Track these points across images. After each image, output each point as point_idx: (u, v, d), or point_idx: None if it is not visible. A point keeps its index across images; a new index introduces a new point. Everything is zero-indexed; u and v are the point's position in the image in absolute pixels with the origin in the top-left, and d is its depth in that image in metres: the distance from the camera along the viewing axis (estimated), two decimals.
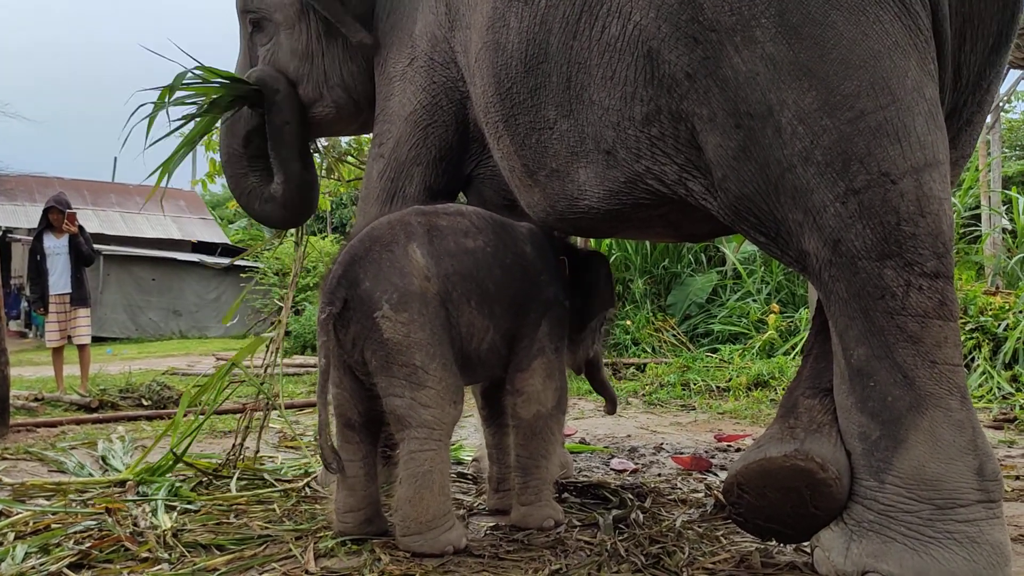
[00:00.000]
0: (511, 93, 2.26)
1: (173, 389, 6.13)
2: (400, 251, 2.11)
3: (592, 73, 2.02)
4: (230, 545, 2.19)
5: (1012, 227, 9.10)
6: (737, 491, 1.86)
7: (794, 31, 1.65)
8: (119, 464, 3.38)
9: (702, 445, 3.98)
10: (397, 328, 2.04)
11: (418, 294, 2.08)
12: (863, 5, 1.63)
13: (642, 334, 8.14)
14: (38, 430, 4.72)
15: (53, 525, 2.37)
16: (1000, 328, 5.60)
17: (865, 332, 1.66)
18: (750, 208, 1.79)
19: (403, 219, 2.22)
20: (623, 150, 2.00)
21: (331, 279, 2.12)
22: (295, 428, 4.54)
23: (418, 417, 2.04)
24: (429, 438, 2.05)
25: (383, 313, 2.04)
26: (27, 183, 21.65)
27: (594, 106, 2.04)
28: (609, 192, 2.10)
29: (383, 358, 2.05)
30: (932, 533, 1.59)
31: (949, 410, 1.62)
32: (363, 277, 2.08)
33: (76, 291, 6.95)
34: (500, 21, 2.24)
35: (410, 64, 2.81)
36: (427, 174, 2.79)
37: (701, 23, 1.75)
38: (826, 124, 1.64)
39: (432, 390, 2.05)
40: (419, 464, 2.04)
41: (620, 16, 1.92)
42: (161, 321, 19.70)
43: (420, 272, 2.10)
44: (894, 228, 1.61)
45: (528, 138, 2.26)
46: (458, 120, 2.75)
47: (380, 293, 2.05)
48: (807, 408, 1.86)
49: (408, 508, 2.04)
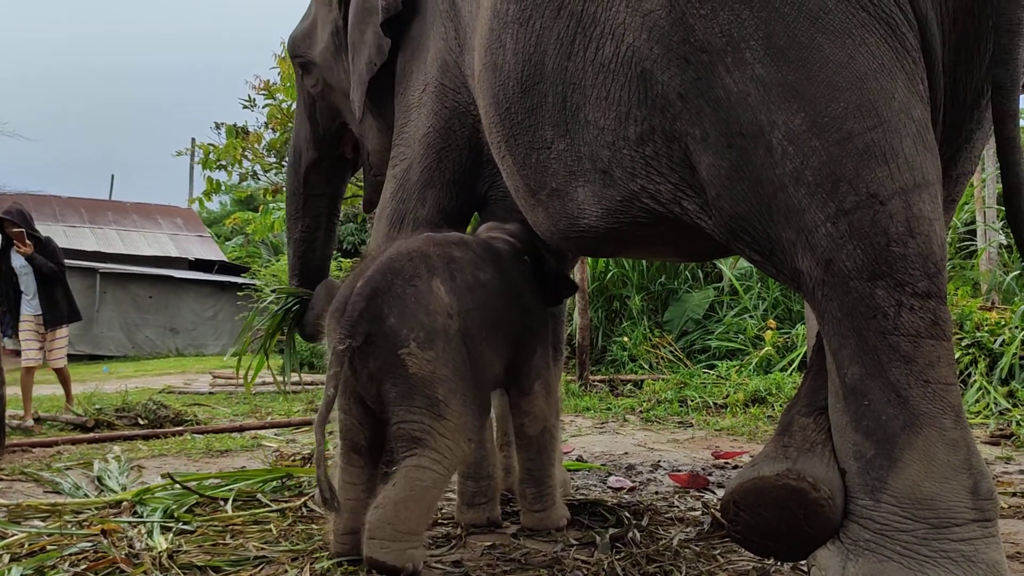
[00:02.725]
0: (510, 113, 2.28)
1: (170, 408, 6.12)
2: (424, 287, 2.12)
3: (587, 94, 2.03)
4: (226, 566, 2.18)
5: (1008, 242, 9.12)
6: (733, 509, 1.86)
7: (781, 53, 1.66)
8: (115, 485, 3.37)
9: (699, 462, 3.98)
10: (423, 365, 2.04)
11: (442, 331, 2.09)
12: (848, 28, 1.64)
13: (639, 350, 8.14)
14: (34, 450, 4.71)
15: (48, 547, 2.36)
16: (996, 344, 5.61)
17: (858, 351, 1.67)
18: (744, 227, 1.80)
19: (422, 251, 2.22)
20: (619, 169, 2.01)
21: (352, 311, 2.07)
22: (291, 447, 4.54)
23: (433, 442, 2.03)
24: (439, 463, 2.03)
25: (409, 351, 2.03)
26: (24, 201, 21.61)
27: (589, 126, 2.05)
28: (607, 211, 2.11)
29: (405, 390, 2.04)
30: (928, 552, 1.59)
31: (943, 429, 1.62)
32: (388, 313, 2.06)
33: (48, 312, 6.39)
34: (497, 43, 2.26)
35: (423, 91, 2.86)
36: (441, 196, 2.83)
37: (692, 44, 1.76)
38: (815, 145, 1.65)
39: (451, 423, 2.05)
40: (420, 478, 2.01)
41: (613, 38, 1.93)
42: (158, 339, 19.68)
43: (444, 309, 2.11)
44: (884, 249, 1.62)
45: (528, 158, 2.28)
46: (471, 144, 2.78)
47: (407, 331, 2.04)
48: (801, 427, 1.86)
49: (391, 509, 1.99)
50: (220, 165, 10.83)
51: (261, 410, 6.97)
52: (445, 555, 2.29)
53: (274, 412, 6.77)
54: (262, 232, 12.75)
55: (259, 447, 4.70)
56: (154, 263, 20.95)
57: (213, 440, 4.97)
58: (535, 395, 2.49)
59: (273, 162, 11.29)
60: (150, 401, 6.25)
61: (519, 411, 2.51)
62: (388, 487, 2.02)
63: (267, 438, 5.11)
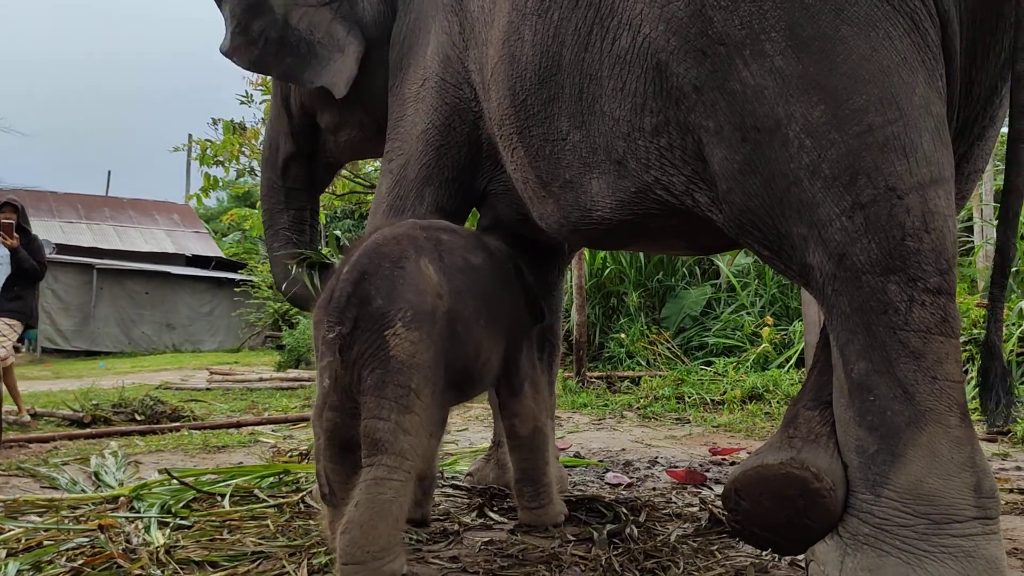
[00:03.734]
0: (525, 105, 2.28)
1: (167, 404, 6.11)
2: (412, 267, 2.08)
3: (603, 85, 2.04)
4: (223, 562, 2.18)
5: None
6: (735, 497, 1.86)
7: (804, 45, 1.65)
8: (112, 480, 3.37)
9: (697, 459, 3.98)
10: (406, 347, 1.99)
11: (429, 313, 2.05)
12: (873, 20, 1.63)
13: (636, 347, 8.14)
14: (30, 445, 4.70)
15: (45, 542, 2.36)
16: None
17: (867, 346, 1.66)
18: (754, 221, 1.80)
19: (409, 234, 2.19)
20: (633, 160, 2.02)
21: (339, 297, 2.02)
22: (288, 443, 4.53)
23: (396, 444, 1.96)
24: (399, 468, 1.96)
25: (395, 331, 1.98)
26: (20, 197, 21.54)
27: (605, 117, 2.05)
28: (620, 202, 2.11)
29: (380, 377, 1.98)
30: (927, 547, 1.59)
31: (948, 426, 1.62)
32: (375, 295, 2.01)
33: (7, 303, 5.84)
34: (515, 35, 2.27)
35: (422, 85, 2.83)
36: (439, 194, 2.81)
37: (710, 36, 1.75)
38: (834, 138, 1.64)
39: (417, 417, 2.00)
40: (382, 491, 1.94)
41: (630, 29, 1.93)
42: (154, 335, 19.65)
43: (433, 289, 2.08)
44: (899, 243, 1.62)
45: (542, 149, 2.28)
46: (471, 140, 2.77)
47: (395, 311, 2.00)
48: (806, 419, 1.86)
49: (358, 533, 1.91)
50: (217, 161, 10.82)
51: (258, 406, 6.96)
52: (442, 551, 2.29)
53: (271, 408, 6.77)
54: (259, 228, 12.73)
55: (256, 443, 4.70)
56: (151, 259, 20.92)
57: (210, 436, 4.96)
58: (524, 395, 2.48)
59: None
60: (147, 397, 6.24)
61: (509, 412, 2.51)
62: (351, 508, 1.94)
63: (264, 434, 5.10)
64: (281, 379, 9.34)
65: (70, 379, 6.86)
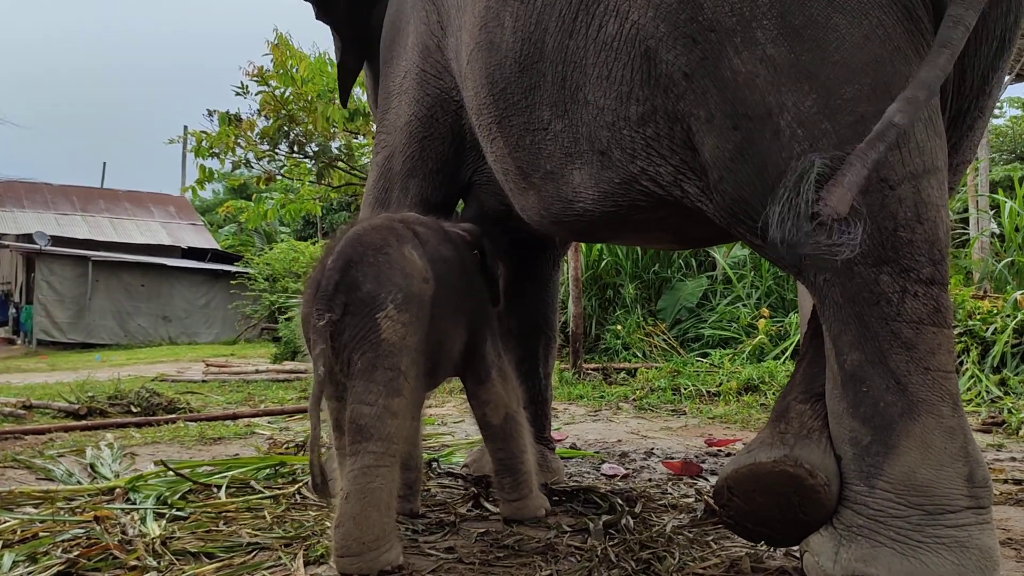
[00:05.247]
0: (505, 94, 2.25)
1: (163, 396, 6.09)
2: (396, 253, 2.10)
3: (588, 72, 2.00)
4: (219, 553, 2.18)
5: (1000, 231, 9.15)
6: (727, 494, 1.86)
7: (796, 33, 1.64)
8: (107, 472, 3.36)
9: (692, 450, 3.98)
10: (396, 329, 2.00)
11: (418, 295, 2.07)
12: (866, 9, 1.62)
13: (632, 339, 8.15)
14: (26, 437, 4.68)
15: (41, 533, 2.35)
16: (988, 332, 5.63)
17: (859, 337, 1.66)
18: (747, 211, 1.78)
19: (387, 224, 2.21)
20: (618, 151, 1.99)
21: (327, 285, 2.03)
22: (284, 434, 4.53)
23: (382, 429, 1.97)
24: (386, 453, 1.97)
25: (387, 313, 2.00)
26: (15, 189, 21.53)
27: (589, 106, 2.02)
28: (604, 194, 2.08)
29: (371, 360, 2.00)
30: (921, 538, 1.60)
31: (941, 416, 1.62)
32: (362, 280, 2.03)
33: None
34: (494, 20, 2.23)
35: (404, 77, 2.82)
36: (424, 186, 2.79)
37: (700, 23, 1.73)
38: (826, 128, 1.63)
39: (404, 400, 2.02)
40: (370, 480, 1.95)
41: (617, 15, 1.90)
42: (150, 327, 19.65)
43: (420, 273, 2.10)
44: (891, 234, 1.61)
45: (522, 139, 2.25)
46: (454, 131, 2.74)
47: (385, 294, 2.01)
48: (798, 413, 1.86)
49: (352, 526, 1.93)
50: (213, 153, 10.79)
51: (254, 398, 6.95)
52: (438, 542, 2.29)
53: (267, 400, 6.76)
54: (255, 220, 12.71)
55: (252, 435, 4.69)
56: (146, 251, 20.91)
57: (206, 428, 4.95)
58: (492, 382, 2.45)
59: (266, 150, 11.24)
60: (143, 389, 6.22)
61: (479, 401, 2.47)
62: (342, 502, 1.96)
63: (260, 426, 5.10)
64: (277, 371, 9.32)
65: (66, 371, 6.84)
